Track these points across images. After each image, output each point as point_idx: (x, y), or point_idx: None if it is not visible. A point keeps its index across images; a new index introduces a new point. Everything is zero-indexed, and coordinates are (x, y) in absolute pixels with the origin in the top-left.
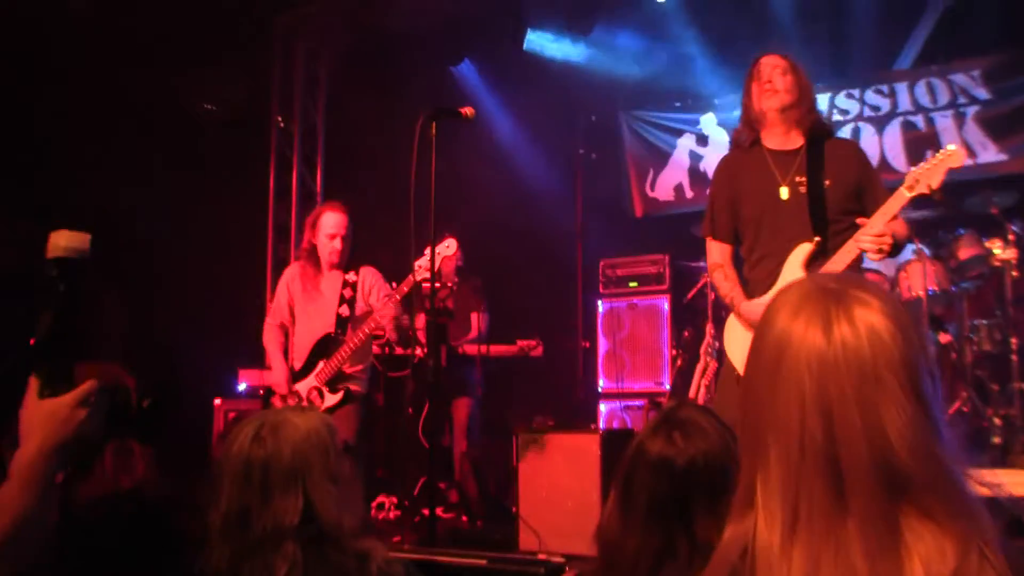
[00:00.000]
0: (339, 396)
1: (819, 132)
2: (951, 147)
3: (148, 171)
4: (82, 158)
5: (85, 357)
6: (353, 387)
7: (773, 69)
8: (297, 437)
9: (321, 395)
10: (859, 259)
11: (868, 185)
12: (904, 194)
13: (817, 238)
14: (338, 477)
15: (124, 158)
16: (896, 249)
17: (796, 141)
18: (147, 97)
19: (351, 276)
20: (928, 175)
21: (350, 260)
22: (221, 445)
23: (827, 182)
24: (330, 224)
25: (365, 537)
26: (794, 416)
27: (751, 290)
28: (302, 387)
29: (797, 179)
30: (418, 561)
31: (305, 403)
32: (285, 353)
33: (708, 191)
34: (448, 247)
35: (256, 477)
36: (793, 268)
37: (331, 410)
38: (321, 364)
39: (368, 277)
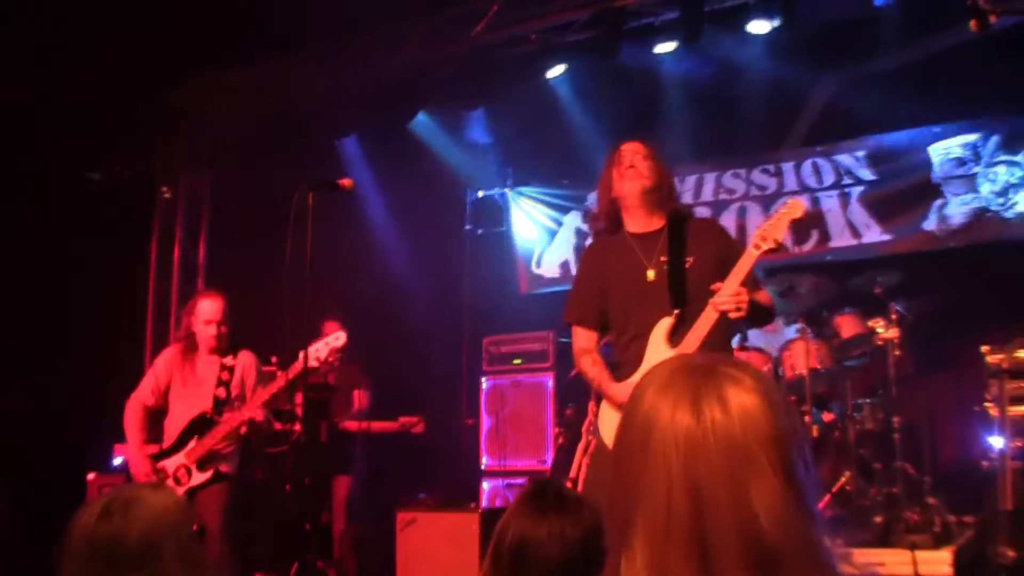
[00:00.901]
0: (208, 475)
1: (679, 215)
2: (791, 200)
3: (28, 240)
4: None
5: None
6: (223, 467)
7: (634, 154)
8: (148, 516)
9: (189, 473)
10: (723, 326)
11: (729, 258)
12: (752, 252)
13: (676, 311)
14: (191, 559)
15: (5, 228)
16: (761, 313)
17: (658, 223)
18: (28, 164)
19: (228, 360)
20: (772, 230)
21: (230, 343)
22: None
23: (689, 259)
24: (207, 311)
25: None
26: (661, 494)
27: (622, 372)
28: (170, 463)
29: (661, 259)
30: None
31: (171, 480)
32: (150, 434)
33: (575, 276)
34: (338, 339)
35: (101, 555)
36: (656, 343)
37: (198, 488)
38: (193, 442)
39: (245, 362)
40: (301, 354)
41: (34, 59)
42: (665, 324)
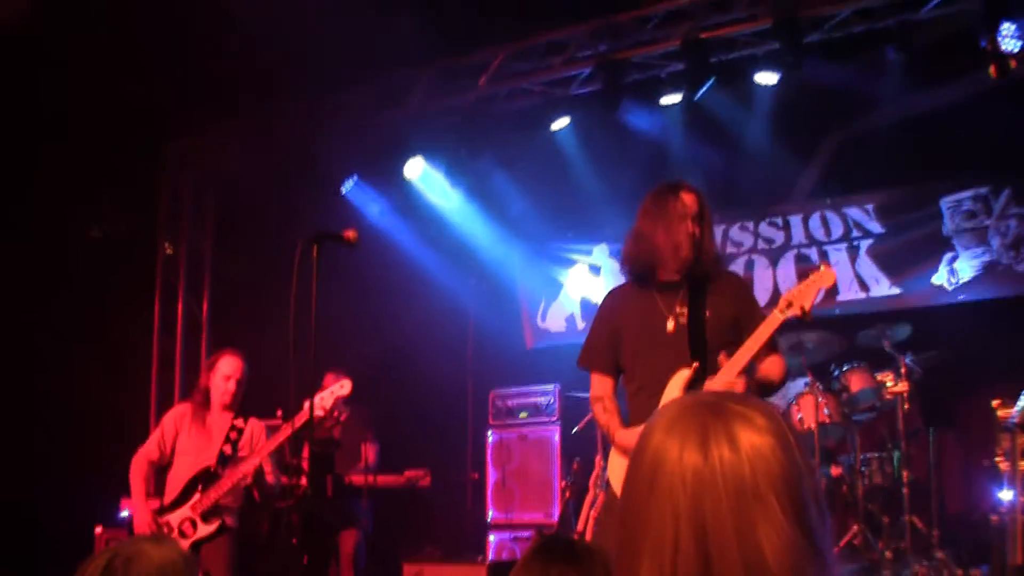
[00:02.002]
0: (213, 527)
1: (704, 268)
2: (823, 268)
3: (33, 295)
4: None
5: None
6: (228, 520)
7: (696, 217)
8: (151, 570)
9: (194, 525)
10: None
11: (746, 317)
12: (777, 316)
13: (695, 364)
14: None
15: (10, 284)
16: (762, 392)
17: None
18: (31, 221)
19: (239, 422)
20: (801, 296)
21: (241, 405)
22: None
23: (707, 313)
24: (227, 367)
25: None
26: (668, 535)
27: (633, 421)
28: (174, 517)
29: (679, 310)
30: None
31: (176, 533)
32: (149, 488)
33: (592, 321)
34: (342, 387)
35: None
36: (673, 394)
37: (204, 541)
38: (197, 495)
39: (255, 429)
40: (306, 403)
41: (35, 112)
42: (683, 376)
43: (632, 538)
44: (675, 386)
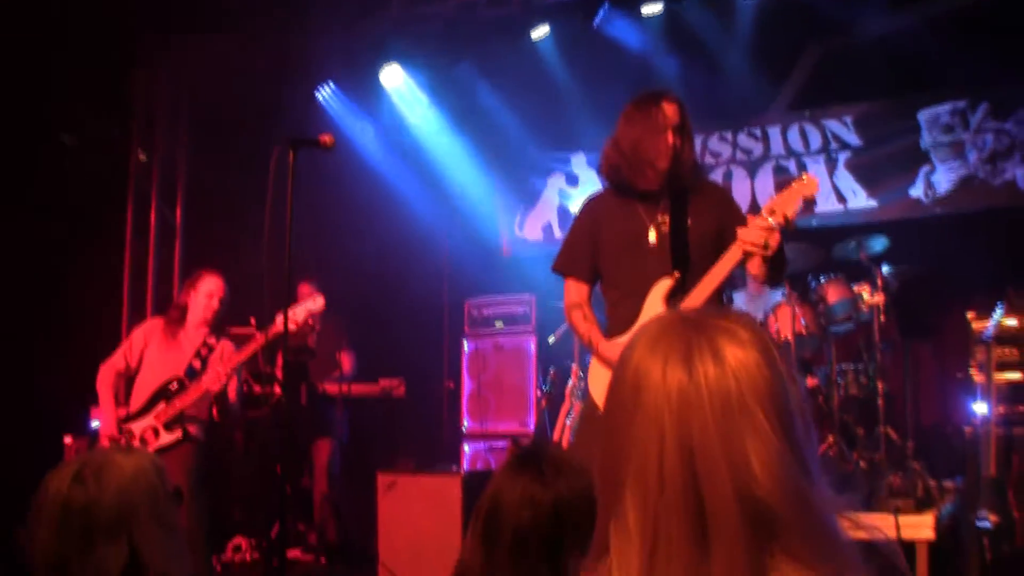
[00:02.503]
0: (175, 436)
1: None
2: (805, 177)
3: (2, 203)
4: None
5: None
6: (191, 428)
7: (678, 128)
8: (123, 479)
9: (156, 433)
10: (717, 296)
11: (730, 226)
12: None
13: (676, 273)
14: (167, 522)
15: None
16: (782, 262)
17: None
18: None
19: (212, 340)
20: (784, 204)
21: (219, 324)
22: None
23: (689, 221)
24: (211, 285)
25: None
26: (652, 453)
27: (613, 330)
28: (137, 426)
29: (660, 219)
30: None
31: (137, 441)
32: (118, 397)
33: (571, 226)
34: (315, 302)
35: (76, 522)
36: (654, 304)
37: (166, 449)
38: (162, 405)
39: (225, 349)
40: (279, 316)
41: (5, 17)
42: (664, 285)
43: (615, 460)
44: (656, 296)
